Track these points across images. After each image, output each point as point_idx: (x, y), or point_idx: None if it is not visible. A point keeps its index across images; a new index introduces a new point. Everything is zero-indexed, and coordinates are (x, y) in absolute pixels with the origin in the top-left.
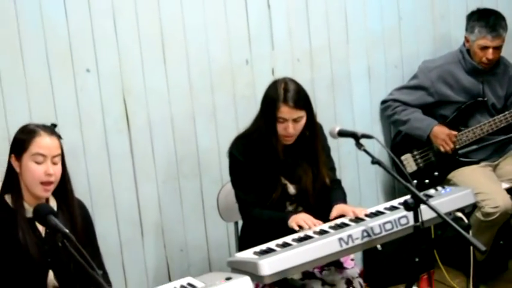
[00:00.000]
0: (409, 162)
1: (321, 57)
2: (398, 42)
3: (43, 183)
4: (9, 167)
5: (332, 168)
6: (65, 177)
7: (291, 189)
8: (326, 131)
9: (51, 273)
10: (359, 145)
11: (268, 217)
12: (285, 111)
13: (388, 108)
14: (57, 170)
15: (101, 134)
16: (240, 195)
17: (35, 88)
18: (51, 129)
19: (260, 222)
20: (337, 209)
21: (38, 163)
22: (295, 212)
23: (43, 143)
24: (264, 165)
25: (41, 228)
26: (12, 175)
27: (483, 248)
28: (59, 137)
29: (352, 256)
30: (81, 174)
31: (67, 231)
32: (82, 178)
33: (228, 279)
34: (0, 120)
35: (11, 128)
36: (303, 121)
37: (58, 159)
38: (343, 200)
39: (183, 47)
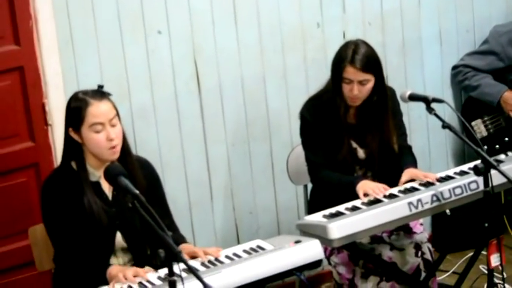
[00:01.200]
0: (480, 127)
1: (392, 21)
2: (470, 6)
3: (109, 148)
4: (68, 137)
5: (403, 134)
6: (123, 136)
7: (361, 153)
8: (398, 96)
9: (119, 235)
10: (430, 109)
11: (337, 180)
12: (351, 72)
13: (458, 74)
14: (118, 131)
15: (172, 96)
16: (309, 157)
17: (107, 50)
18: (100, 93)
19: (328, 185)
20: (407, 174)
21: (98, 132)
22: (364, 176)
23: (96, 111)
24: (334, 128)
25: (107, 191)
26: (72, 145)
27: None
28: (109, 97)
29: (421, 221)
30: (151, 136)
31: (137, 192)
32: (152, 140)
33: (297, 242)
34: (71, 82)
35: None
36: (370, 85)
37: (116, 120)
38: (414, 165)
39: (255, 8)
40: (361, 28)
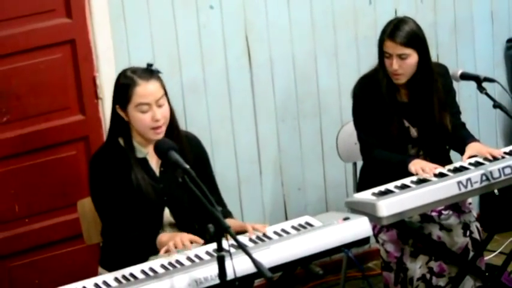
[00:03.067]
0: None
1: (444, 0)
2: None
3: (153, 128)
4: (115, 114)
5: (457, 113)
6: (171, 113)
7: (413, 132)
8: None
9: (167, 211)
10: (481, 88)
11: (390, 158)
12: (389, 46)
13: None
14: (164, 111)
15: (223, 71)
16: (361, 136)
17: (158, 25)
18: (149, 72)
19: (381, 163)
20: (472, 148)
21: (143, 112)
22: (417, 155)
23: (144, 91)
24: (386, 107)
25: (154, 167)
26: (119, 121)
27: None
28: (158, 77)
29: (470, 200)
30: (201, 111)
31: (187, 166)
32: (202, 114)
33: (345, 219)
34: (123, 56)
35: (134, 65)
36: (411, 60)
37: (163, 101)
38: (476, 140)
39: None
40: (413, 6)
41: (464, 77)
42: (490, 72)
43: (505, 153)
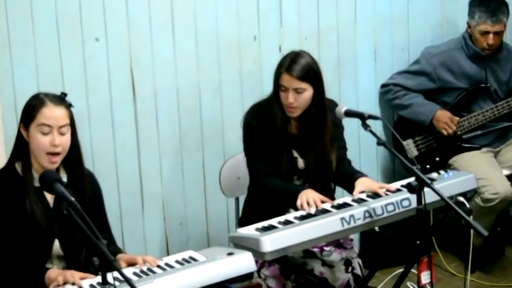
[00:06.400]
0: (411, 147)
1: (328, 37)
2: (406, 25)
3: (49, 154)
4: (19, 135)
5: (344, 148)
6: (74, 147)
7: (300, 163)
8: None
9: (56, 242)
10: (365, 126)
11: (281, 187)
12: (286, 79)
13: (389, 92)
14: (64, 141)
15: (107, 104)
16: (252, 164)
17: (44, 55)
18: (60, 99)
19: (272, 192)
20: (362, 184)
21: (44, 134)
22: (303, 186)
23: (49, 113)
24: (277, 137)
25: (49, 198)
26: (21, 143)
27: (486, 233)
28: (68, 107)
29: (351, 236)
30: (85, 143)
31: (73, 199)
32: (86, 147)
33: (229, 254)
34: (7, 86)
35: (18, 94)
36: (306, 94)
37: (65, 130)
38: (365, 174)
39: (192, 19)
40: (298, 43)
41: (349, 114)
42: (372, 110)
43: (392, 190)
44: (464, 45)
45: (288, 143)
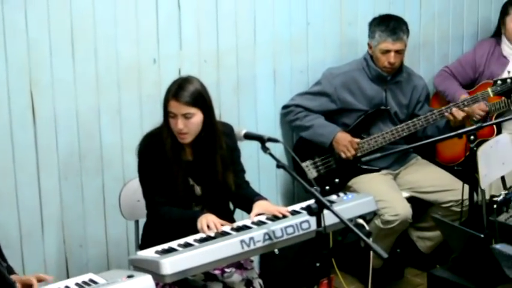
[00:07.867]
0: (310, 168)
1: (227, 59)
2: (305, 47)
3: None
4: None
5: (241, 171)
6: None
7: (198, 190)
8: None
9: None
10: (265, 148)
11: (179, 215)
12: (174, 106)
13: (290, 114)
14: None
15: (6, 126)
16: (147, 194)
17: None
18: None
19: (169, 221)
20: (259, 206)
21: None
22: (202, 213)
23: None
24: (171, 165)
25: None
26: None
27: (385, 255)
28: None
29: (251, 257)
30: None
31: None
32: None
33: (129, 276)
34: None
35: None
36: (196, 119)
37: None
38: (264, 198)
39: (92, 42)
40: (197, 65)
41: (248, 136)
42: (272, 132)
43: (291, 212)
44: (366, 66)
45: (184, 170)
